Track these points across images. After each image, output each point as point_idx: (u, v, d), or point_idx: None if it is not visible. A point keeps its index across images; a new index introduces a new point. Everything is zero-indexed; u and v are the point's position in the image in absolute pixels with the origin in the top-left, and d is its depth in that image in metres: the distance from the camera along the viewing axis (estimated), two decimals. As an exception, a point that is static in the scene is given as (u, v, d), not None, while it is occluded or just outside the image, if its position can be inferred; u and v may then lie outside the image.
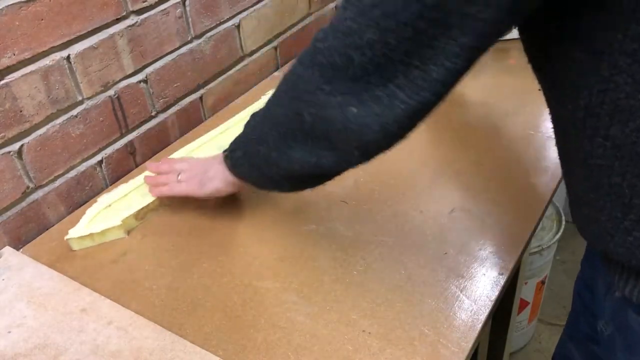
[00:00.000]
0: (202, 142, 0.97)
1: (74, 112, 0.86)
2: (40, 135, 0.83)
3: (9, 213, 0.82)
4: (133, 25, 0.91)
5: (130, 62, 0.92)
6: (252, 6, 1.11)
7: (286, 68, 1.22)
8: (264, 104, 0.63)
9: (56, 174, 0.87)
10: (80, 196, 0.91)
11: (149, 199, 0.85)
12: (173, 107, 1.03)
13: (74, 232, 0.81)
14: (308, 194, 0.84)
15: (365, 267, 0.74)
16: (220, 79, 1.10)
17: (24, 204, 0.83)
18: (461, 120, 1.00)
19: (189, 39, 1.01)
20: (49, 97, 0.82)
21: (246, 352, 0.65)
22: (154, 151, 1.01)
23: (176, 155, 0.94)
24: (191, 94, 1.06)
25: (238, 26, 1.10)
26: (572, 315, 0.82)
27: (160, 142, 1.02)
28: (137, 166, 0.99)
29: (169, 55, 0.98)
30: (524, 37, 0.53)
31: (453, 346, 0.64)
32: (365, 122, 0.50)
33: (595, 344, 0.73)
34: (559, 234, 1.42)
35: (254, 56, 1.16)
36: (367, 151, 0.54)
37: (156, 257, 0.79)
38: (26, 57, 0.78)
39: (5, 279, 0.76)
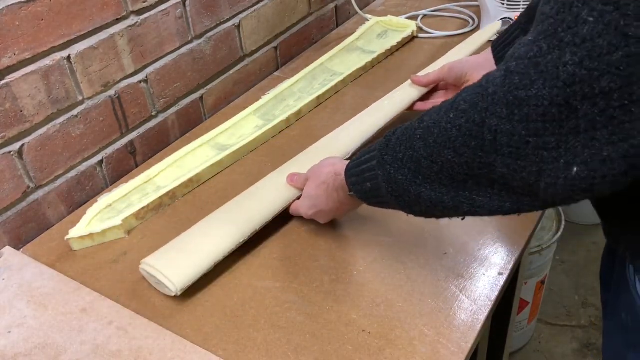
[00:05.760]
0: (202, 142, 0.97)
1: (75, 112, 0.87)
2: (41, 135, 0.83)
3: (9, 213, 0.82)
4: (133, 25, 0.91)
5: (131, 62, 0.92)
6: (252, 6, 1.12)
7: (287, 69, 1.22)
8: (410, 147, 0.55)
9: (56, 174, 0.87)
10: (80, 196, 0.91)
11: (149, 199, 0.86)
12: (173, 107, 1.03)
13: (74, 232, 0.81)
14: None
15: (365, 267, 0.74)
16: (220, 79, 1.10)
17: (24, 203, 0.84)
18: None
19: (189, 39, 1.01)
20: (49, 97, 0.82)
21: (246, 352, 0.65)
22: (154, 151, 1.01)
23: (174, 157, 0.94)
24: (191, 94, 1.06)
25: (238, 26, 1.10)
26: None
27: (160, 142, 1.02)
28: (137, 166, 0.99)
29: (169, 55, 0.99)
30: None
31: (453, 346, 0.64)
32: (587, 183, 0.43)
33: None
34: (559, 234, 1.42)
35: (254, 56, 1.16)
36: (558, 204, 0.48)
37: (156, 257, 0.79)
38: (26, 57, 0.78)
39: (5, 279, 0.76)
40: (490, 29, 1.12)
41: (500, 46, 0.87)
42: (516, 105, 0.43)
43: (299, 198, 0.81)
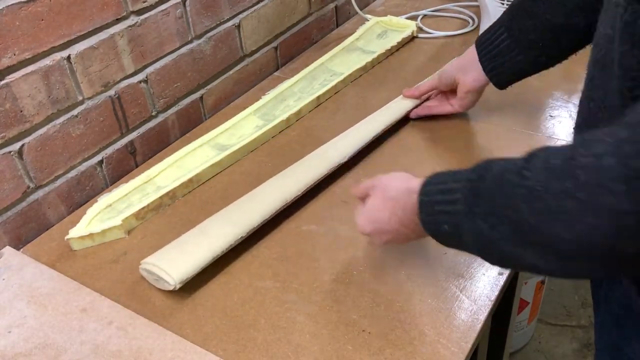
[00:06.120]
0: (202, 142, 0.97)
1: (75, 112, 0.87)
2: (41, 135, 0.83)
3: (9, 213, 0.82)
4: (133, 25, 0.91)
5: (131, 62, 0.92)
6: (252, 6, 1.11)
7: (286, 69, 1.22)
8: (511, 206, 0.46)
9: (56, 174, 0.87)
10: (80, 196, 0.91)
11: (149, 199, 0.86)
12: (173, 107, 1.03)
13: (74, 232, 0.81)
14: (308, 193, 0.84)
15: (365, 267, 0.74)
16: (220, 79, 1.10)
17: (24, 203, 0.84)
18: (460, 119, 1.00)
19: (189, 39, 1.01)
20: (49, 97, 0.82)
21: (246, 352, 0.65)
22: (154, 151, 1.01)
23: (174, 157, 0.94)
24: (191, 94, 1.06)
25: (238, 26, 1.10)
26: None
27: (160, 142, 1.02)
28: (137, 166, 0.99)
29: (169, 55, 0.99)
30: None
31: (453, 346, 0.64)
32: None
33: None
34: (559, 234, 1.42)
35: (254, 56, 1.16)
36: None
37: (156, 257, 0.79)
38: (26, 57, 0.78)
39: (5, 279, 0.76)
40: None
41: (483, 45, 0.88)
42: (635, 179, 0.38)
43: (298, 197, 0.81)
